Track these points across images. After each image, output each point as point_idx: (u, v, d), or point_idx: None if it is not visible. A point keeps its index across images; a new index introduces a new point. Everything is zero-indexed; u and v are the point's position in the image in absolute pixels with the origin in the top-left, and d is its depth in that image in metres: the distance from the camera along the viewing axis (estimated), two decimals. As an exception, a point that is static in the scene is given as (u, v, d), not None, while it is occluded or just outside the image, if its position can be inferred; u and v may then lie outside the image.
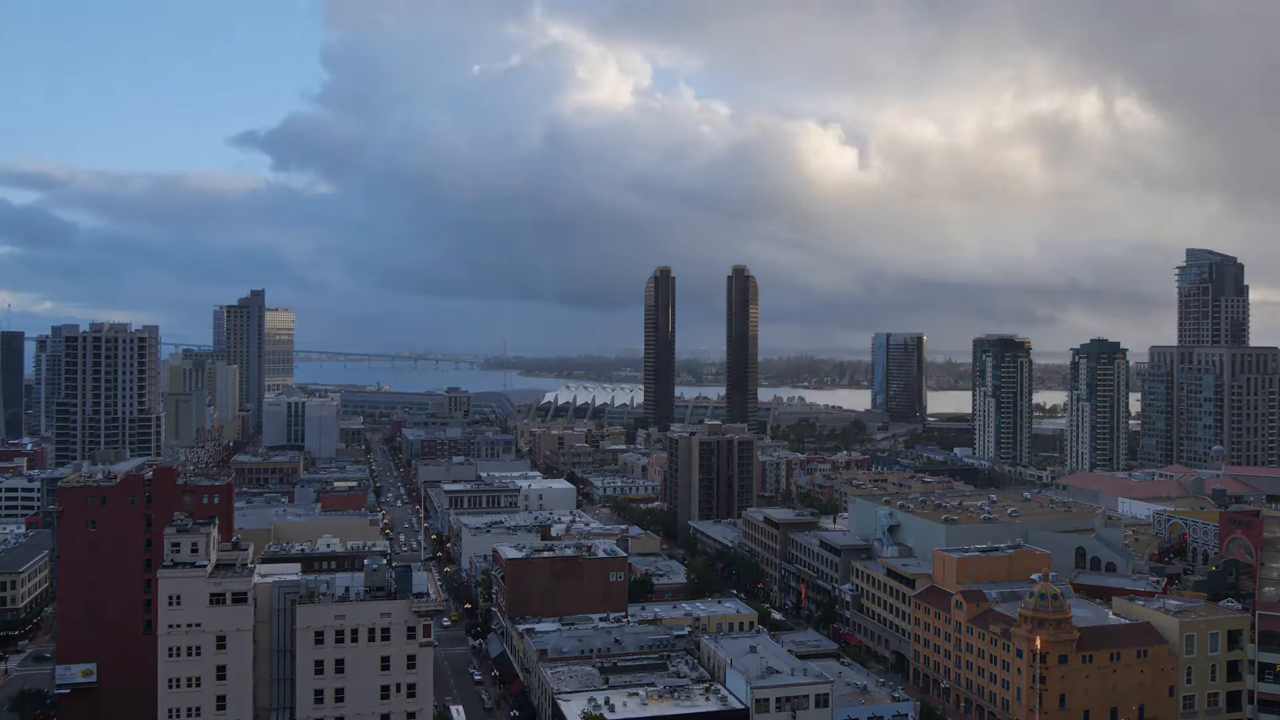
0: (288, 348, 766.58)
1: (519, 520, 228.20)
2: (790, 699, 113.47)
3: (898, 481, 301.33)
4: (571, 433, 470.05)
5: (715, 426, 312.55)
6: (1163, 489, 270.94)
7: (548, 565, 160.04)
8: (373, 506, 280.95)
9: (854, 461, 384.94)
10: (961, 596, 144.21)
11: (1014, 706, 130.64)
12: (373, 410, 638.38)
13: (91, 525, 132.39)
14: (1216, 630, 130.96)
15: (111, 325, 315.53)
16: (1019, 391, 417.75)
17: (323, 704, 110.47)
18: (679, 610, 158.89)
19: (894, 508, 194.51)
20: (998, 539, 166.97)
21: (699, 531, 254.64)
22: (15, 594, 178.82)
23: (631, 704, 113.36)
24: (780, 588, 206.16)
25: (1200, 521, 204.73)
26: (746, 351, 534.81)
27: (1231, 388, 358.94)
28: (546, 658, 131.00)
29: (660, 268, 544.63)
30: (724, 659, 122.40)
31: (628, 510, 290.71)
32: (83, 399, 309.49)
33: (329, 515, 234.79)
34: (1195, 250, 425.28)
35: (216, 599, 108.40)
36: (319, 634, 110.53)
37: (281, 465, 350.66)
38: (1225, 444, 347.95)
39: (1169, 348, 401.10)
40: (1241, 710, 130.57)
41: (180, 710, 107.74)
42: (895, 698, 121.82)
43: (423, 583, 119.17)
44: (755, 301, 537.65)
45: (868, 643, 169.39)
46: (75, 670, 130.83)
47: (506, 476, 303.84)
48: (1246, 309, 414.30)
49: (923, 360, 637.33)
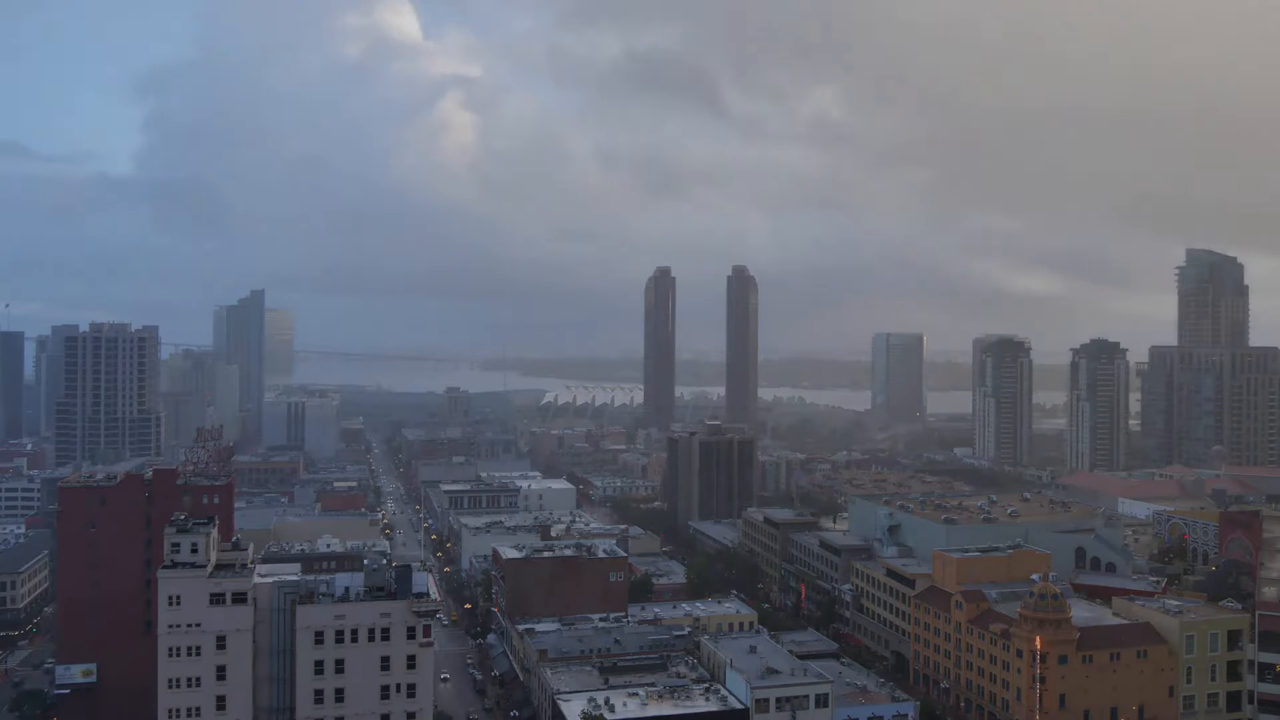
0: (288, 348, 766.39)
1: (519, 520, 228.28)
2: (790, 699, 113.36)
3: (898, 481, 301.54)
4: (571, 433, 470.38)
5: (715, 426, 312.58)
6: (1163, 489, 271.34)
7: (547, 565, 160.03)
8: (373, 506, 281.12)
9: (854, 461, 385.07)
10: (961, 596, 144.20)
11: (1014, 706, 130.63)
12: (373, 410, 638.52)
13: (91, 525, 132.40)
14: (1216, 630, 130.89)
15: (111, 325, 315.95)
16: (1019, 391, 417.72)
17: (323, 704, 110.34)
18: (679, 610, 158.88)
19: (894, 508, 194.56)
20: (998, 539, 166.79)
21: (699, 531, 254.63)
22: (15, 594, 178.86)
23: (631, 704, 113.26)
24: (780, 588, 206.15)
25: (1200, 521, 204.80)
26: (746, 351, 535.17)
27: (1231, 388, 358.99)
28: (546, 658, 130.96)
29: (660, 268, 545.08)
30: (724, 659, 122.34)
31: (628, 510, 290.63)
32: (83, 399, 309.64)
33: (329, 515, 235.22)
34: (1195, 250, 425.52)
35: (216, 599, 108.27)
36: (319, 634, 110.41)
37: (281, 465, 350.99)
38: (1225, 444, 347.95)
39: (1169, 348, 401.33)
40: (1241, 710, 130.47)
41: (180, 710, 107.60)
42: (895, 698, 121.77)
43: (423, 583, 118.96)
44: (755, 301, 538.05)
45: (868, 643, 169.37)
46: (75, 670, 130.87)
47: (506, 476, 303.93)
48: (1246, 309, 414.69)
49: (923, 360, 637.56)
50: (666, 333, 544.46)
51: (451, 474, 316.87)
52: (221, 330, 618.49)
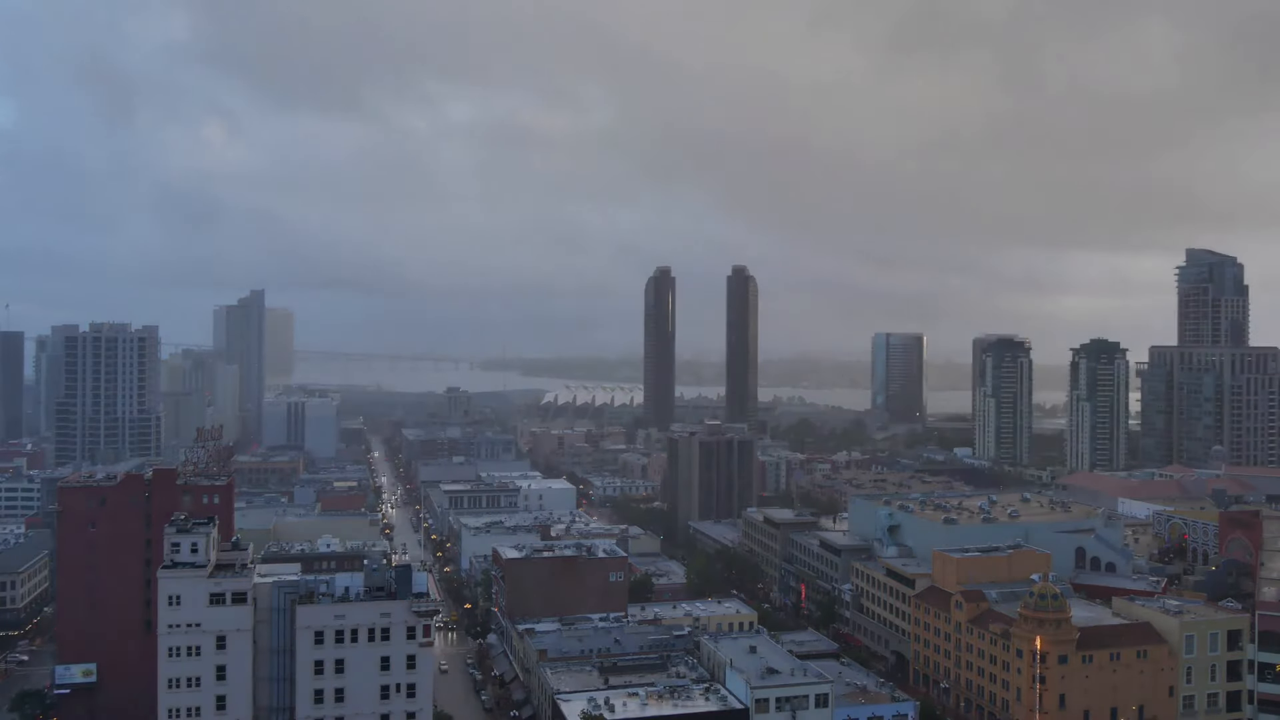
0: (288, 348, 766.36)
1: (519, 520, 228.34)
2: (790, 699, 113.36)
3: (898, 481, 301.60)
4: (571, 433, 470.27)
5: (715, 426, 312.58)
6: (1163, 489, 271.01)
7: (547, 565, 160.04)
8: (373, 506, 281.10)
9: (854, 461, 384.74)
10: (961, 596, 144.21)
11: (1014, 706, 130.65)
12: (373, 410, 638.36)
13: (91, 525, 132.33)
14: (1216, 630, 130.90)
15: (111, 325, 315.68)
16: (1019, 391, 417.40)
17: (323, 704, 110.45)
18: (679, 610, 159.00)
19: (894, 508, 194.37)
20: (998, 539, 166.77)
21: (699, 531, 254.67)
22: (15, 594, 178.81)
23: (631, 704, 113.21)
24: (780, 588, 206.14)
25: (1200, 521, 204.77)
26: (746, 351, 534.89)
27: (1231, 388, 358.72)
28: (546, 658, 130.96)
29: (660, 267, 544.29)
30: (724, 659, 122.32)
31: (628, 510, 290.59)
32: (83, 399, 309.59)
33: (329, 515, 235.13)
34: (1195, 250, 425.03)
35: (216, 599, 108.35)
36: (319, 634, 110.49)
37: (281, 465, 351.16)
38: (1225, 444, 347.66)
39: (1169, 348, 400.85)
40: (1241, 710, 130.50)
41: (180, 710, 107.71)
42: (895, 698, 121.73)
43: (423, 583, 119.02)
44: (755, 301, 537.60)
45: (868, 643, 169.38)
46: (75, 670, 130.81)
47: (506, 476, 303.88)
48: (1246, 309, 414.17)
49: (923, 360, 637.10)
50: (666, 333, 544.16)
51: (451, 474, 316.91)
52: (221, 330, 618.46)
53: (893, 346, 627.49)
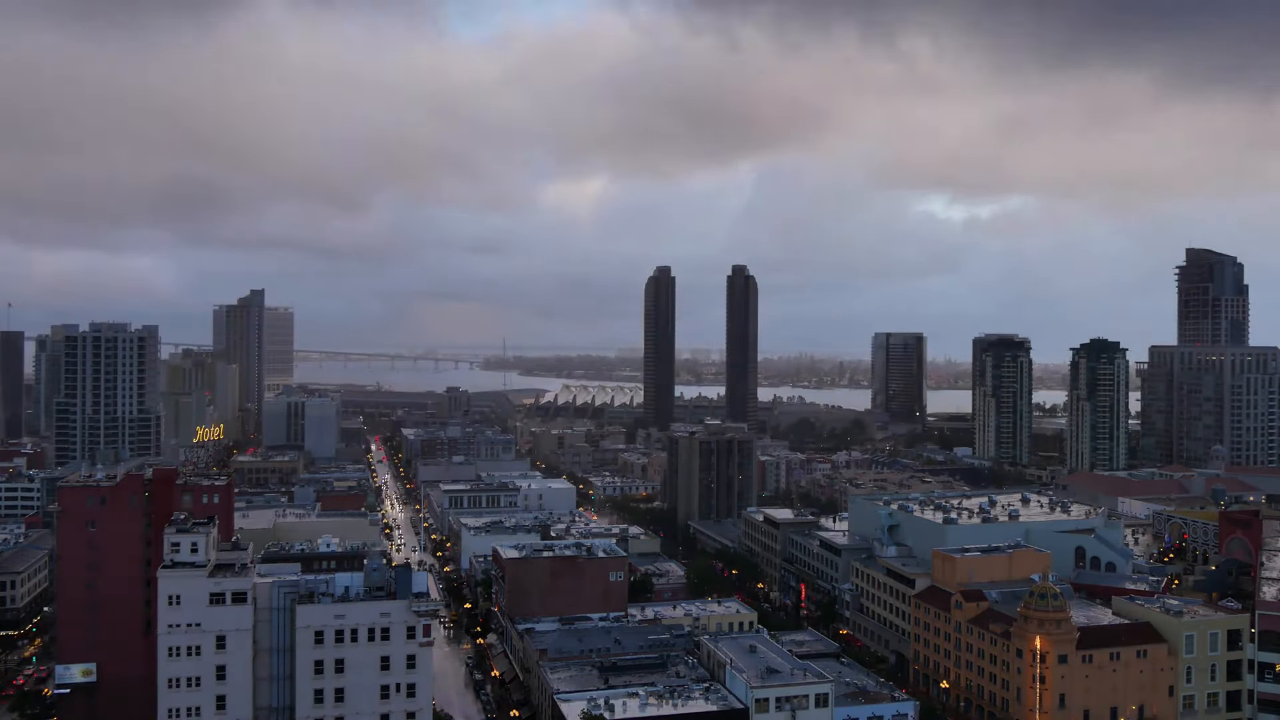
0: (288, 348, 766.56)
1: (519, 520, 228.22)
2: (790, 699, 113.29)
3: (898, 481, 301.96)
4: (571, 433, 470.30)
5: (715, 426, 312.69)
6: (1163, 489, 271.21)
7: (547, 565, 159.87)
8: (372, 506, 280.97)
9: (854, 461, 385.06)
10: (961, 596, 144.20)
11: (1014, 706, 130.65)
12: (373, 410, 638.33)
13: (91, 525, 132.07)
14: (1216, 630, 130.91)
15: (111, 325, 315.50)
16: (1019, 391, 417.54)
17: (323, 704, 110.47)
18: (679, 610, 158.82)
19: (894, 508, 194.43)
20: (998, 539, 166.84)
21: (699, 531, 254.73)
22: (15, 594, 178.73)
23: (631, 704, 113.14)
24: (780, 588, 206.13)
25: (1200, 521, 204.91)
26: (746, 351, 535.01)
27: (1231, 388, 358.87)
28: (546, 658, 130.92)
29: (660, 267, 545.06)
30: (724, 659, 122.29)
31: (628, 510, 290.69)
32: (83, 399, 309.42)
33: (329, 515, 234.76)
34: (1195, 250, 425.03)
35: (216, 599, 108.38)
36: (319, 634, 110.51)
37: (281, 465, 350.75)
38: (1225, 444, 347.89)
39: (1169, 348, 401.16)
40: (1241, 710, 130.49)
41: (180, 710, 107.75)
42: (895, 698, 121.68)
43: (423, 583, 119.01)
44: (755, 301, 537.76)
45: (868, 643, 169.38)
46: (75, 670, 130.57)
47: (506, 476, 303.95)
48: (1246, 309, 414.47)
49: (923, 360, 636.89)
50: (666, 332, 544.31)
51: (451, 474, 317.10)
52: (221, 330, 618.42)
53: (893, 346, 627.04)
